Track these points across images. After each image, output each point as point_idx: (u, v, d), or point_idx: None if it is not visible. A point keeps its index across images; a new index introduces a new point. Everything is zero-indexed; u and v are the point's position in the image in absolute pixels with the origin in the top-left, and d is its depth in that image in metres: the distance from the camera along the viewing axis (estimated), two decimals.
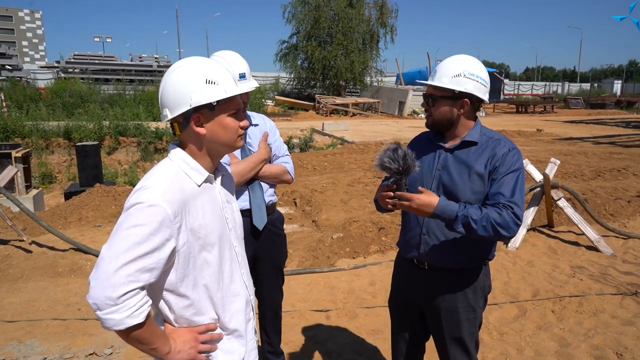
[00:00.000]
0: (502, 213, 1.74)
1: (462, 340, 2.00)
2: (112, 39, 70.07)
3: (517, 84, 49.15)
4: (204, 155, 1.38)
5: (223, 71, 1.36)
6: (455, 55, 1.92)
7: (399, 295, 2.17)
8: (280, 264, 2.57)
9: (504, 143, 1.89)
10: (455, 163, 1.90)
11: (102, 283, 1.17)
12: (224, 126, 1.36)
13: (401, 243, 2.11)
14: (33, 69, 31.54)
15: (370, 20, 28.90)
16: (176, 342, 1.33)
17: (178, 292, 1.33)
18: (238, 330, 1.45)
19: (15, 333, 3.38)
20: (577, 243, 5.14)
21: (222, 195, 1.47)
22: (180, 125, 1.36)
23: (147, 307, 1.22)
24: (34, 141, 13.52)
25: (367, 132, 16.85)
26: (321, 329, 3.45)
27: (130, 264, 1.18)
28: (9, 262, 4.68)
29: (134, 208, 1.23)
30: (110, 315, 1.16)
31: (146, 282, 1.21)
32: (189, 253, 1.32)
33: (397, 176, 1.76)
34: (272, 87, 30.54)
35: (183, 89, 1.31)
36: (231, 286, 1.44)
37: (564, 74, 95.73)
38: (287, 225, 6.19)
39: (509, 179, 1.82)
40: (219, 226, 1.41)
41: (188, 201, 1.31)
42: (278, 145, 2.46)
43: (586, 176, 8.82)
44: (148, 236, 1.20)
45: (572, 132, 17.64)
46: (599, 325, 3.41)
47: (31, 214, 5.02)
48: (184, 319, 1.36)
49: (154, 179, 1.31)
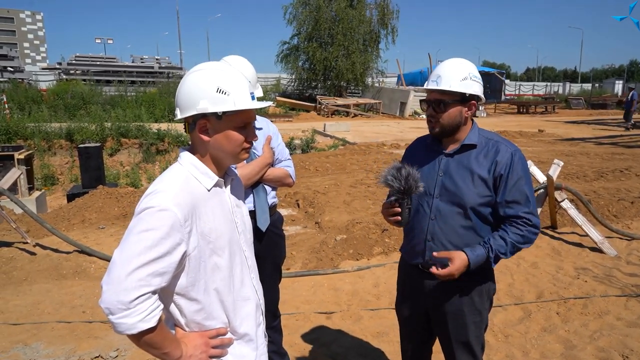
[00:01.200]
0: (522, 232, 1.84)
1: (469, 343, 2.00)
2: (113, 41, 70.07)
3: (518, 85, 49.11)
4: (208, 160, 1.38)
5: (239, 83, 1.34)
6: (453, 59, 1.91)
7: (405, 300, 2.16)
8: (279, 263, 2.61)
9: (504, 146, 1.89)
10: (457, 168, 1.90)
11: (114, 287, 1.17)
12: (228, 137, 1.35)
13: (406, 249, 2.11)
14: (35, 71, 31.60)
15: (372, 21, 28.91)
16: (187, 347, 1.33)
17: (189, 296, 1.33)
18: (248, 335, 1.46)
19: (20, 336, 3.38)
20: (580, 244, 5.14)
21: (231, 200, 1.47)
22: (189, 127, 1.37)
23: (159, 311, 1.23)
24: (36, 143, 13.53)
25: (368, 133, 16.85)
26: (326, 332, 3.45)
27: (142, 268, 1.18)
28: (13, 264, 4.69)
29: (145, 212, 1.24)
30: (122, 319, 1.17)
31: (158, 286, 1.22)
32: (200, 257, 1.32)
33: (399, 195, 1.81)
34: (273, 88, 30.56)
35: (194, 93, 1.32)
36: (242, 290, 1.45)
37: (565, 74, 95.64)
38: (290, 226, 6.20)
39: (520, 185, 1.85)
40: (229, 230, 1.41)
41: (198, 205, 1.32)
42: (281, 149, 2.49)
43: (589, 177, 8.81)
44: (159, 240, 1.21)
45: (574, 132, 17.62)
46: (604, 327, 3.41)
47: (35, 216, 5.03)
48: (195, 323, 1.36)
49: (165, 183, 1.31)
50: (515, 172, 1.85)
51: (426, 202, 1.95)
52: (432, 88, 1.87)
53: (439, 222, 1.92)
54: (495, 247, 1.81)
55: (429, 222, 1.94)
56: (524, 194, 1.85)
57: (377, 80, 30.26)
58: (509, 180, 1.84)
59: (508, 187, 1.84)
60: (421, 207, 1.96)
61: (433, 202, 1.93)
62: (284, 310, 3.63)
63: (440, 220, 1.92)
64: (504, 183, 1.85)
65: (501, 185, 1.86)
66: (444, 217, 1.91)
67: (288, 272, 4.56)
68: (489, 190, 1.87)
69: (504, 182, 1.85)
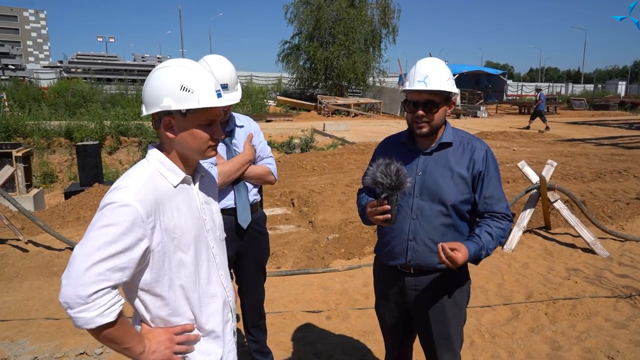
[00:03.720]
0: (503, 225, 1.88)
1: (449, 338, 2.02)
2: (115, 39, 70.40)
3: (520, 85, 49.02)
4: (175, 157, 1.38)
5: (204, 80, 1.33)
6: (431, 59, 1.89)
7: (386, 301, 2.13)
8: (262, 262, 2.59)
9: (479, 144, 1.94)
10: (436, 166, 1.91)
11: (73, 282, 1.17)
12: (193, 135, 1.35)
13: (382, 251, 2.06)
14: (36, 69, 31.70)
15: (373, 21, 28.88)
16: (151, 342, 1.33)
17: (154, 292, 1.33)
18: (215, 332, 1.45)
19: (7, 332, 3.39)
20: (573, 245, 5.12)
21: (200, 197, 1.47)
22: (155, 123, 1.37)
23: (119, 306, 1.23)
24: (36, 141, 13.58)
25: (368, 133, 16.84)
26: (312, 330, 3.44)
27: (101, 263, 1.18)
28: (4, 261, 4.70)
29: (107, 208, 1.24)
30: (80, 314, 1.17)
31: (118, 282, 1.21)
32: (164, 253, 1.32)
33: (389, 192, 1.76)
34: (274, 88, 30.57)
35: (158, 90, 1.32)
36: (208, 287, 1.44)
37: (568, 74, 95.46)
38: (283, 225, 6.20)
39: (495, 181, 1.92)
40: (195, 227, 1.41)
41: (163, 201, 1.32)
42: (262, 146, 2.48)
43: (586, 178, 8.77)
44: (119, 236, 1.20)
45: (574, 133, 17.56)
46: (591, 328, 3.40)
47: (27, 214, 5.04)
48: (160, 319, 1.36)
49: (129, 179, 1.32)
50: (491, 168, 1.91)
51: (406, 203, 1.93)
52: (423, 89, 1.83)
53: (420, 221, 1.91)
54: (486, 243, 1.83)
55: (410, 221, 1.93)
56: (498, 189, 1.92)
57: (378, 79, 30.23)
58: (486, 177, 1.89)
59: (485, 184, 1.89)
60: (401, 208, 1.94)
61: (413, 202, 1.92)
62: (272, 309, 3.64)
63: (422, 219, 1.91)
64: (482, 180, 1.89)
65: (479, 182, 1.90)
66: (426, 216, 1.91)
67: (278, 270, 4.56)
68: (468, 187, 1.90)
69: (482, 179, 1.89)
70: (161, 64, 1.38)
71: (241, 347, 3.18)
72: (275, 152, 14.53)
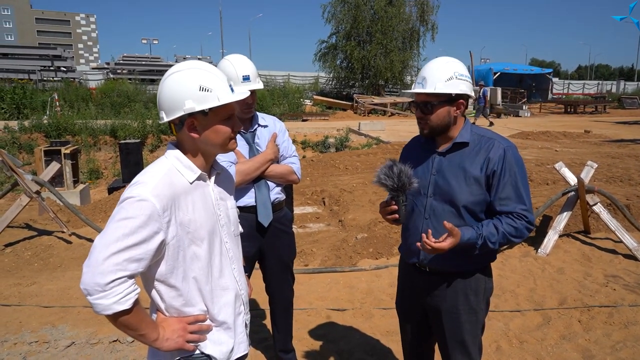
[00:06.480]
0: (517, 224, 1.81)
1: (464, 342, 1.99)
2: (159, 41, 72.97)
3: (567, 83, 46.90)
4: (197, 155, 1.45)
5: (218, 78, 1.40)
6: (439, 59, 1.91)
7: (404, 298, 2.19)
8: (287, 260, 2.62)
9: (498, 143, 1.87)
10: (449, 166, 1.90)
11: (92, 270, 1.25)
12: (216, 131, 1.42)
13: (403, 249, 2.13)
14: (85, 70, 33.33)
15: (411, 18, 28.49)
16: (165, 331, 1.40)
17: (168, 282, 1.40)
18: (227, 323, 1.51)
19: (49, 318, 3.62)
20: (614, 251, 4.88)
21: (215, 193, 1.52)
22: (176, 127, 1.43)
23: (135, 294, 1.30)
24: (83, 139, 14.30)
25: (403, 132, 16.63)
26: (336, 328, 3.47)
27: (119, 254, 1.26)
28: (50, 251, 5.01)
29: (126, 202, 1.32)
30: (98, 300, 1.25)
31: (134, 272, 1.29)
32: (179, 246, 1.38)
33: (393, 193, 1.84)
34: (311, 87, 30.72)
35: (178, 95, 1.38)
36: (220, 280, 1.50)
37: (620, 71, 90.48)
38: (313, 224, 6.25)
39: (514, 181, 1.84)
40: (209, 222, 1.46)
41: (178, 197, 1.38)
42: (286, 145, 2.51)
43: (634, 180, 8.29)
44: (137, 228, 1.28)
45: (624, 133, 16.64)
46: (628, 338, 3.24)
47: (71, 208, 5.33)
48: (174, 309, 1.43)
49: (147, 175, 1.39)
50: (509, 168, 1.83)
51: (420, 202, 1.96)
52: (418, 91, 1.88)
53: (432, 221, 1.93)
54: (486, 233, 1.79)
55: (424, 221, 1.95)
56: (519, 190, 1.83)
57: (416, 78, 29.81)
58: (502, 177, 1.83)
59: (501, 184, 1.83)
60: (416, 207, 1.98)
61: (427, 202, 1.94)
62: (297, 306, 3.67)
63: (434, 219, 1.93)
64: (497, 180, 1.84)
65: (494, 182, 1.84)
66: (438, 216, 1.91)
67: (305, 268, 4.62)
68: (482, 188, 1.86)
69: (497, 179, 1.84)
70: (170, 70, 1.43)
71: (265, 342, 3.26)
72: (309, 151, 14.64)
